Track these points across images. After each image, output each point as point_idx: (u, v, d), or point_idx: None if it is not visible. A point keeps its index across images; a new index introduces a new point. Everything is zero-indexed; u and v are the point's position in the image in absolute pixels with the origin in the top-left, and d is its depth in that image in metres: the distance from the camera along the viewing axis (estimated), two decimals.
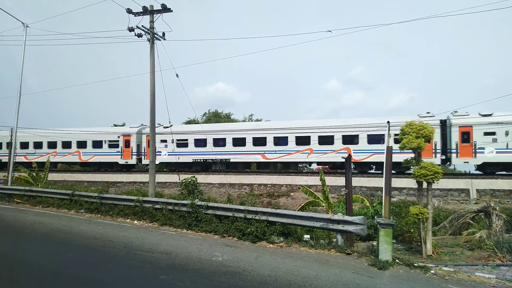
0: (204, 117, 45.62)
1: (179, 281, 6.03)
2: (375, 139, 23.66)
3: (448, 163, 23.46)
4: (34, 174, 20.83)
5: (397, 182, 20.68)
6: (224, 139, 27.37)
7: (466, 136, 22.45)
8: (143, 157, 29.99)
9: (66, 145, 31.43)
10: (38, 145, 32.24)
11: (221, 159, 28.04)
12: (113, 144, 30.44)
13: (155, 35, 15.88)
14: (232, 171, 28.04)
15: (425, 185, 9.74)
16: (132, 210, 12.68)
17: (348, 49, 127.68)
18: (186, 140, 28.57)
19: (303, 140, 25.38)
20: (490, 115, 22.56)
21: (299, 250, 8.67)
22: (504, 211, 13.61)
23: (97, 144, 30.77)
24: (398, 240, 11.45)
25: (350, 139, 24.52)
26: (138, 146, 30.25)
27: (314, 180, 22.81)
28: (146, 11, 15.63)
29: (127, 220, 12.33)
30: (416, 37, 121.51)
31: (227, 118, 45.21)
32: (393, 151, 10.21)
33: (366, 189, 21.97)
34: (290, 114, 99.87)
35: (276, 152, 26.13)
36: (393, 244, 8.95)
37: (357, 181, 21.58)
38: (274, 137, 26.21)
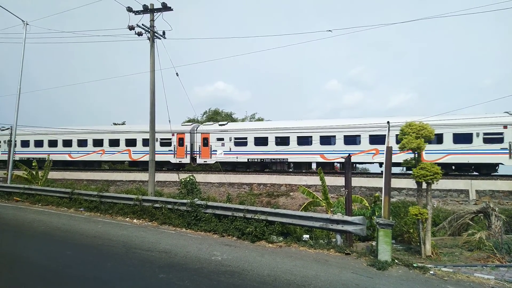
0: (205, 116, 45.43)
1: (178, 280, 6.03)
2: (148, 142, 27.81)
3: (195, 162, 29.32)
4: (34, 172, 20.83)
5: (396, 183, 20.69)
6: (42, 141, 32.66)
7: (205, 141, 28.40)
8: None
9: None
10: None
11: (39, 158, 31.60)
12: None
13: (155, 34, 15.87)
14: (232, 170, 28.08)
15: (424, 185, 9.72)
16: (132, 209, 12.68)
17: (349, 49, 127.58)
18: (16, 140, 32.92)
19: (98, 142, 30.71)
20: (224, 124, 28.93)
21: (298, 250, 8.68)
22: (504, 212, 13.60)
23: None
24: (397, 241, 11.44)
25: (131, 142, 29.92)
26: None
27: (314, 180, 22.80)
28: (146, 9, 15.61)
29: (127, 218, 12.33)
30: (416, 38, 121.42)
31: (228, 117, 45.10)
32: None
33: (365, 189, 21.98)
34: (290, 114, 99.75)
35: (79, 152, 31.36)
36: (392, 245, 8.94)
37: (356, 181, 21.59)
38: (78, 140, 31.45)
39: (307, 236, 10.14)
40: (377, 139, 23.33)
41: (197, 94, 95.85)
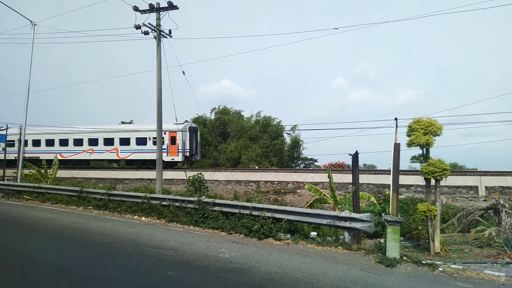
0: (213, 113, 45.34)
1: (186, 277, 6.07)
2: None
3: None
4: (43, 171, 21.09)
5: (404, 179, 20.53)
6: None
7: None
8: None
9: None
10: None
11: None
12: None
13: (162, 33, 15.91)
14: (239, 168, 28.19)
15: (433, 182, 9.65)
16: (140, 206, 12.78)
17: (355, 45, 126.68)
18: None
19: None
20: (5, 129, 32.59)
21: (306, 247, 8.68)
22: None
23: None
24: (406, 238, 11.38)
25: None
26: None
27: (321, 177, 22.75)
28: (152, 8, 15.66)
29: (135, 216, 12.43)
30: (424, 33, 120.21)
31: (237, 115, 44.95)
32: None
33: (373, 186, 21.86)
34: (296, 112, 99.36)
35: None
36: (401, 242, 8.89)
37: (364, 178, 21.49)
38: None
39: (315, 233, 10.12)
40: (92, 142, 31.69)
41: (203, 92, 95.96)
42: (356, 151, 10.69)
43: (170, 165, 30.30)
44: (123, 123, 45.24)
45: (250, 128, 41.07)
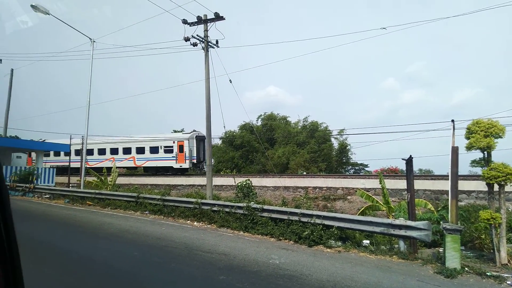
0: (260, 120, 45.65)
1: (238, 282, 6.15)
2: None
3: None
4: (103, 178, 22.57)
5: (465, 185, 19.25)
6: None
7: None
8: None
9: None
10: None
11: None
12: None
13: (209, 43, 16.44)
14: (287, 174, 28.11)
15: (496, 187, 8.95)
16: (192, 212, 13.22)
17: (405, 44, 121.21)
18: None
19: None
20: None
21: (358, 256, 8.44)
22: None
23: None
24: (467, 247, 10.64)
25: None
26: None
27: (372, 183, 22.02)
28: (200, 20, 16.27)
29: (188, 221, 12.87)
30: (481, 27, 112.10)
31: (283, 120, 44.92)
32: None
33: (430, 193, 20.73)
34: (344, 116, 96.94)
35: None
36: (462, 251, 8.34)
37: (420, 184, 20.45)
38: None
39: (367, 241, 9.83)
40: (114, 151, 35.35)
41: (249, 99, 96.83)
42: (410, 155, 10.25)
43: (182, 172, 32.12)
44: (175, 131, 47.15)
45: (297, 134, 40.88)
